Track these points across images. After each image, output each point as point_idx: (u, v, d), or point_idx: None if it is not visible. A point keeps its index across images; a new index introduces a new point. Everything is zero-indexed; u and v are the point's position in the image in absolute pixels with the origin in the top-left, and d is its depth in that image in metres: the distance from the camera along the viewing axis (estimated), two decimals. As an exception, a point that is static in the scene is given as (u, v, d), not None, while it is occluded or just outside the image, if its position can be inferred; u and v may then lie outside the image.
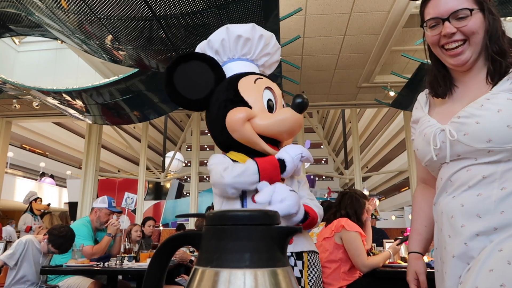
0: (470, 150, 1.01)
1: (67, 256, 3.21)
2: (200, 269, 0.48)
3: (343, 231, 2.58)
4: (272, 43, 1.59)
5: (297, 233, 0.50)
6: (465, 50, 1.06)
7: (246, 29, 1.51)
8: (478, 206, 0.98)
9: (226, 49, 1.53)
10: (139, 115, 6.83)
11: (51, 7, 3.26)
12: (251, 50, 1.55)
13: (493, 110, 0.98)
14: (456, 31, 1.05)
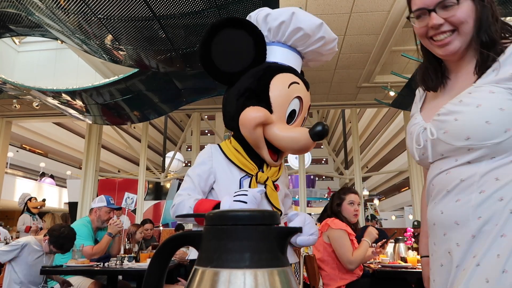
0: (450, 149, 0.97)
1: (67, 256, 3.21)
2: (200, 269, 0.48)
3: (329, 229, 2.61)
4: (329, 46, 1.48)
5: (297, 233, 0.50)
6: (453, 40, 1.00)
7: (311, 24, 1.37)
8: (456, 213, 0.94)
9: (280, 33, 1.40)
10: (139, 115, 6.83)
11: (51, 7, 3.26)
12: (305, 45, 1.43)
13: (472, 105, 0.93)
14: (444, 22, 1.00)
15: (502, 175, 0.90)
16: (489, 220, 0.89)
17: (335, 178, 19.37)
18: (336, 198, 2.79)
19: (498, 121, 0.90)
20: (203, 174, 1.38)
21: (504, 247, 0.86)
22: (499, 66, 0.95)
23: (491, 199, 0.89)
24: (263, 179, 1.35)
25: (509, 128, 0.90)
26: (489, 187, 0.90)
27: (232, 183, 1.35)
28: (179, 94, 6.00)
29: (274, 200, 1.35)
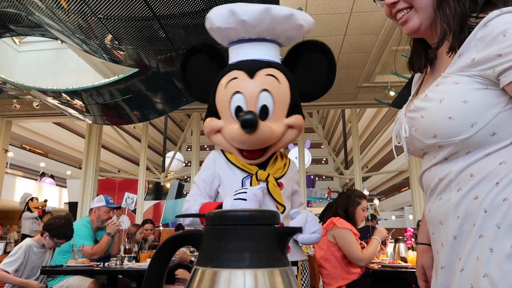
0: (424, 146, 0.93)
1: (67, 256, 3.21)
2: (200, 269, 0.48)
3: (334, 228, 2.60)
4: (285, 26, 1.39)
5: (297, 233, 0.50)
6: (410, 17, 0.95)
7: (252, 13, 1.31)
8: (439, 212, 0.90)
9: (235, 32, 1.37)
10: (139, 115, 6.84)
11: (51, 7, 3.26)
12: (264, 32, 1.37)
13: (435, 100, 0.87)
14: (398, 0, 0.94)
15: (476, 171, 0.84)
16: (466, 219, 0.84)
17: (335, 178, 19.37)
18: (352, 201, 2.79)
19: (461, 115, 0.83)
20: (207, 179, 1.43)
21: (482, 249, 0.80)
22: (464, 50, 0.86)
23: (467, 198, 0.85)
24: (263, 177, 1.35)
25: (475, 121, 0.82)
26: (465, 184, 0.85)
27: (235, 183, 1.38)
28: (179, 94, 6.00)
29: (277, 195, 1.35)
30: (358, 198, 2.81)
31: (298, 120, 1.37)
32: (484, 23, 0.82)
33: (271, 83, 1.31)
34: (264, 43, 1.39)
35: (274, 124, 1.31)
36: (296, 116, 1.37)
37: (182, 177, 14.80)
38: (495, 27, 0.80)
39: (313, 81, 1.46)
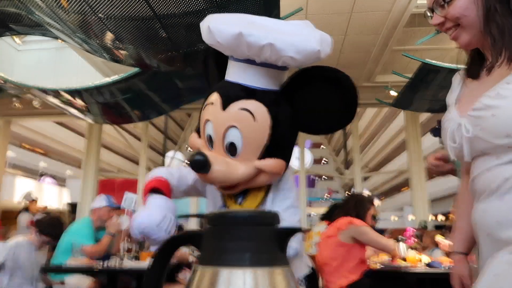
0: (490, 147, 0.88)
1: (67, 256, 3.22)
2: (200, 269, 0.47)
3: (352, 227, 2.57)
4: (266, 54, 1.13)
5: (297, 233, 0.50)
6: (459, 34, 0.97)
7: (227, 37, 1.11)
8: (500, 213, 0.87)
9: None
10: (140, 114, 6.84)
11: (51, 6, 3.26)
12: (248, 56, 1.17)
13: (510, 99, 0.84)
14: (444, 20, 0.98)
15: None
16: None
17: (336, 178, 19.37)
18: (363, 205, 2.79)
19: None
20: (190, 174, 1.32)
21: None
22: None
23: None
24: None
25: None
26: None
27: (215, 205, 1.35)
28: (179, 93, 6.00)
29: None
30: (369, 204, 2.83)
31: (272, 165, 1.17)
32: None
33: (242, 120, 1.14)
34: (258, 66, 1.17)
35: (241, 164, 1.17)
36: (272, 160, 1.17)
37: (182, 177, 14.76)
38: None
39: (319, 116, 1.23)
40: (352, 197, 2.92)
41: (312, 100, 1.22)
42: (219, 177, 1.16)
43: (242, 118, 1.15)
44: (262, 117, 1.15)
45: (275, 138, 1.17)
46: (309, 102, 1.23)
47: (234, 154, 1.18)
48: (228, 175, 1.16)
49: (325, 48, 1.25)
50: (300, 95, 1.22)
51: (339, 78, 1.23)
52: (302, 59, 1.17)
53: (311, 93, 1.23)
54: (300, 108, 1.22)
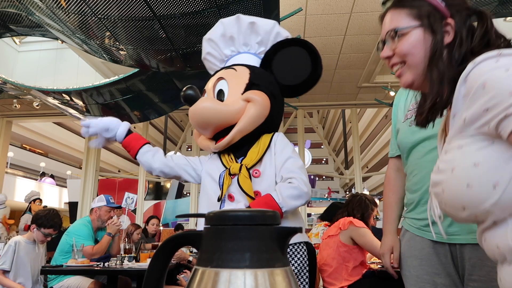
0: (463, 219, 0.81)
1: (67, 256, 3.22)
2: (200, 269, 0.48)
3: (352, 228, 2.55)
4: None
5: (297, 233, 0.50)
6: (403, 73, 0.93)
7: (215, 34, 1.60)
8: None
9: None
10: (140, 115, 6.83)
11: (51, 7, 3.26)
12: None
13: (448, 172, 0.78)
14: (393, 54, 0.93)
15: None
16: None
17: (336, 178, 19.36)
18: (367, 206, 2.78)
19: (478, 181, 0.73)
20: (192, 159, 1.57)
21: None
22: (455, 110, 0.79)
23: None
24: (236, 170, 1.37)
25: (496, 181, 0.71)
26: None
27: (215, 174, 1.47)
28: (179, 94, 5.98)
29: (246, 187, 1.35)
30: (372, 205, 2.81)
31: (254, 93, 1.40)
32: (463, 78, 0.77)
33: (227, 73, 1.47)
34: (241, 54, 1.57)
35: (227, 101, 1.41)
36: (253, 91, 1.41)
37: (182, 177, 14.77)
38: (473, 80, 0.74)
39: (295, 73, 1.51)
40: (355, 197, 2.89)
41: (285, 62, 1.52)
42: (208, 109, 1.37)
43: (226, 72, 1.48)
44: (242, 69, 1.47)
45: (254, 79, 1.44)
46: (283, 64, 1.52)
47: (222, 99, 1.43)
48: (218, 108, 1.37)
49: None
50: (274, 60, 1.53)
51: (300, 40, 1.54)
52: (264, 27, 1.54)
53: (282, 56, 1.53)
54: (276, 66, 1.52)
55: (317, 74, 1.50)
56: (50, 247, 3.53)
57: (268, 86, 1.46)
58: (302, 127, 8.29)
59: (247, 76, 1.43)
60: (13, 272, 2.77)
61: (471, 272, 1.12)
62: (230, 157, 1.44)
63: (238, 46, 1.55)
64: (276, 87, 1.50)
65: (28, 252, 2.88)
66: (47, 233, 2.87)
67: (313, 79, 1.50)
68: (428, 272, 1.22)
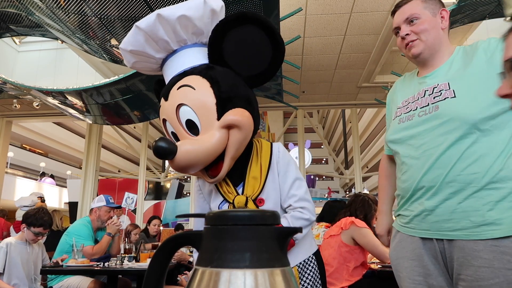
0: None
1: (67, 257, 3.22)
2: (200, 269, 0.47)
3: (353, 228, 2.54)
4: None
5: (297, 233, 0.50)
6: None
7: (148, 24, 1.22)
8: None
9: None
10: (140, 115, 6.83)
11: (51, 7, 3.26)
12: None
13: None
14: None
15: None
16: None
17: (335, 178, 19.37)
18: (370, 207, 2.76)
19: None
20: (202, 204, 1.44)
21: None
22: None
23: None
24: (242, 203, 1.25)
25: None
26: None
27: (214, 206, 1.37)
28: (179, 94, 6.00)
29: None
30: (375, 205, 2.79)
31: (232, 114, 1.17)
32: None
33: (184, 95, 1.20)
34: (181, 51, 1.28)
35: (205, 136, 1.17)
36: (229, 113, 1.18)
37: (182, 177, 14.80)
38: None
39: (255, 59, 1.26)
40: (358, 197, 2.86)
41: (233, 45, 1.24)
42: (191, 154, 1.14)
43: (183, 93, 1.20)
44: (199, 83, 1.19)
45: (221, 93, 1.18)
46: (232, 47, 1.24)
47: (197, 132, 1.20)
48: (199, 149, 1.15)
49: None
50: (224, 48, 1.24)
51: (246, 15, 1.24)
52: (195, 14, 1.21)
53: (230, 40, 1.24)
54: (230, 56, 1.24)
55: (280, 52, 1.25)
56: (50, 247, 3.53)
57: (238, 94, 1.22)
58: (302, 127, 8.29)
59: (211, 93, 1.18)
60: (6, 274, 2.72)
61: (459, 272, 1.12)
62: (227, 185, 1.30)
63: (173, 45, 1.27)
64: (243, 87, 1.26)
65: (21, 252, 2.83)
66: (37, 232, 2.80)
67: (278, 59, 1.26)
68: (420, 273, 1.22)
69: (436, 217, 1.17)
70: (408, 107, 1.30)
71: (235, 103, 1.20)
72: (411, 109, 1.29)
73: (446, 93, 1.19)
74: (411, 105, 1.30)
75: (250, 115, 1.22)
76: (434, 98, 1.22)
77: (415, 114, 1.26)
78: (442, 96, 1.20)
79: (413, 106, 1.28)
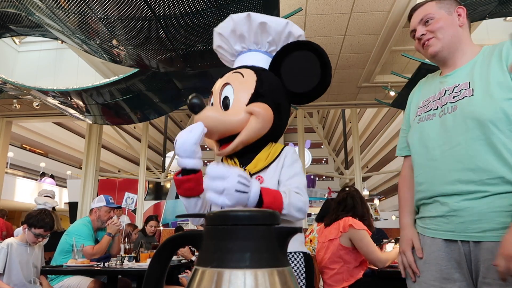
0: None
1: (67, 256, 3.22)
2: (200, 269, 0.47)
3: (351, 230, 2.53)
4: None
5: (297, 233, 0.50)
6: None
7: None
8: None
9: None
10: (139, 115, 6.83)
11: (51, 7, 3.26)
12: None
13: None
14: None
15: None
16: None
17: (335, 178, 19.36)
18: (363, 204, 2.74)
19: None
20: None
21: None
22: None
23: None
24: None
25: None
26: None
27: None
28: (179, 94, 6.00)
29: None
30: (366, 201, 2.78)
31: (257, 105, 1.37)
32: None
33: (233, 78, 1.43)
34: (253, 52, 1.55)
35: (231, 112, 1.37)
36: (257, 104, 1.37)
37: (182, 177, 14.73)
38: None
39: (303, 80, 1.47)
40: (348, 194, 2.82)
41: (294, 67, 1.48)
42: (212, 118, 1.33)
43: (234, 76, 1.43)
44: (249, 75, 1.42)
45: (260, 88, 1.39)
46: (292, 69, 1.48)
47: (227, 108, 1.39)
48: (220, 119, 1.34)
49: (293, 26, 1.57)
50: (284, 64, 1.49)
51: (312, 45, 1.49)
52: (275, 27, 1.51)
53: (292, 61, 1.49)
54: (285, 71, 1.48)
55: (326, 83, 1.45)
56: (50, 247, 3.53)
57: (273, 97, 1.42)
58: (302, 127, 8.29)
59: (253, 85, 1.40)
60: (6, 275, 2.72)
61: (485, 275, 1.08)
62: (233, 161, 1.43)
63: (249, 44, 1.54)
64: (282, 96, 1.46)
65: (21, 253, 2.82)
66: (38, 233, 2.79)
67: (321, 88, 1.45)
68: (436, 277, 1.19)
69: (462, 218, 1.13)
70: (428, 106, 1.29)
71: (266, 101, 1.39)
72: (431, 108, 1.27)
73: (465, 92, 1.18)
74: (431, 104, 1.28)
75: (272, 114, 1.39)
76: (454, 98, 1.20)
77: (436, 114, 1.24)
78: (461, 95, 1.18)
79: (433, 105, 1.27)
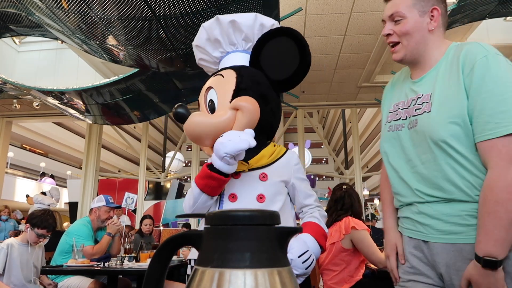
0: None
1: (67, 257, 3.21)
2: (200, 269, 0.47)
3: (354, 232, 2.52)
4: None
5: (297, 233, 0.50)
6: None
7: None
8: None
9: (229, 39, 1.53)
10: (139, 115, 6.84)
11: (51, 7, 3.26)
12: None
13: None
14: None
15: None
16: None
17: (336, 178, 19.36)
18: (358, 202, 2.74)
19: None
20: None
21: None
22: None
23: None
24: (240, 168, 1.35)
25: None
26: None
27: None
28: (179, 94, 6.00)
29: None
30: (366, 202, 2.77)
31: (241, 100, 1.36)
32: None
33: (215, 81, 1.45)
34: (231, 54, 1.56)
35: (216, 113, 1.39)
36: (240, 98, 1.37)
37: (182, 177, 14.80)
38: None
39: (284, 66, 1.46)
40: (347, 192, 2.80)
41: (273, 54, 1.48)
42: (199, 124, 1.36)
43: (214, 79, 1.46)
44: (228, 74, 1.44)
45: (241, 83, 1.41)
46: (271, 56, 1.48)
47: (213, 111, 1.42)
48: (207, 122, 1.37)
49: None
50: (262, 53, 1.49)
51: (284, 29, 1.48)
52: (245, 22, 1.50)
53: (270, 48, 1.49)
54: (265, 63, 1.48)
55: (306, 64, 1.44)
56: (50, 247, 3.53)
57: (256, 88, 1.42)
58: (302, 127, 8.29)
59: (234, 82, 1.40)
60: (6, 275, 2.71)
61: (450, 277, 1.12)
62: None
63: (226, 47, 1.53)
64: (266, 87, 1.46)
65: (22, 254, 2.82)
66: (40, 234, 2.79)
67: (303, 70, 1.45)
68: (408, 272, 1.24)
69: (421, 217, 1.19)
70: (398, 113, 1.28)
71: (248, 93, 1.39)
72: (400, 117, 1.26)
73: (425, 106, 1.17)
74: (400, 112, 1.27)
75: (257, 105, 1.38)
76: (416, 111, 1.20)
77: (405, 125, 1.24)
78: (422, 109, 1.17)
79: (402, 114, 1.26)
